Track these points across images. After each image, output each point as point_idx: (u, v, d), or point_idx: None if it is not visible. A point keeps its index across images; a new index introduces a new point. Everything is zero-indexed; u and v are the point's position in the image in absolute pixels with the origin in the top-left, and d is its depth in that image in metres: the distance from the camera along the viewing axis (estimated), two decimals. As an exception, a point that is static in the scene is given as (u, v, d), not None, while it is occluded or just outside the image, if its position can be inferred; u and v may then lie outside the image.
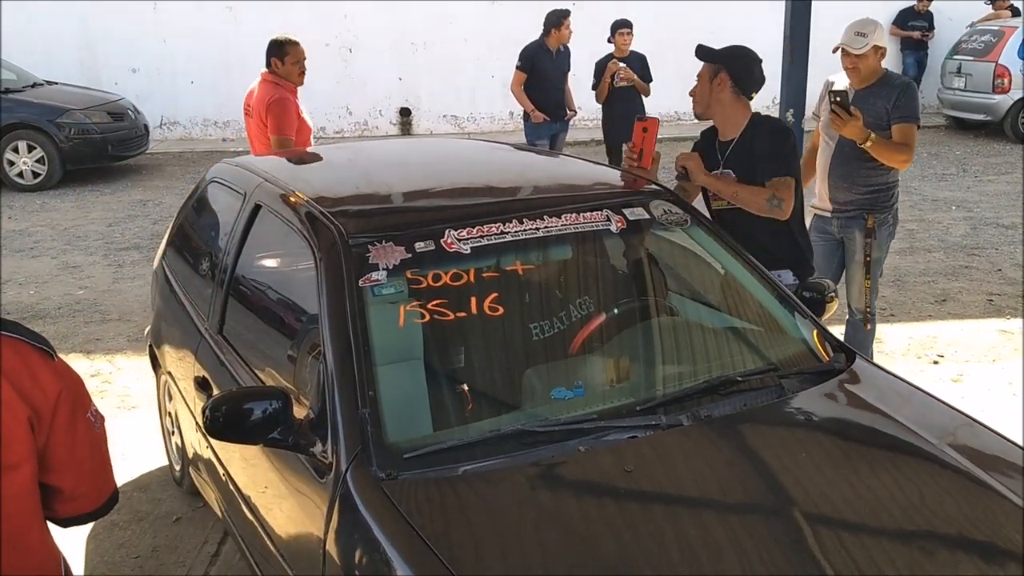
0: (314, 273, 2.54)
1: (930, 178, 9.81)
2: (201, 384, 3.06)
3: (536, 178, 3.31)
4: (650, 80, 7.92)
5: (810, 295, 2.99)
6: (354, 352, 2.30)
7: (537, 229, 2.66)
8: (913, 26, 13.42)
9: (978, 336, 5.41)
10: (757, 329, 2.89)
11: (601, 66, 7.84)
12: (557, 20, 7.68)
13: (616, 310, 2.81)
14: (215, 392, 2.91)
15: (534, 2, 9.92)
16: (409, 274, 2.48)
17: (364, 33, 13.00)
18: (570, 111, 7.96)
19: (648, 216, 2.88)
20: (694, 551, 1.93)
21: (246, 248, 3.12)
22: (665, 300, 3.07)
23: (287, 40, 5.37)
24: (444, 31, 13.06)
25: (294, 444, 2.27)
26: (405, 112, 13.51)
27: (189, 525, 3.68)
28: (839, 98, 3.80)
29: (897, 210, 4.21)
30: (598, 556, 1.90)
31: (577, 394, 2.45)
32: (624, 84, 7.73)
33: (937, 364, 5.04)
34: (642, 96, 7.89)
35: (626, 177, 3.34)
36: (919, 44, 13.53)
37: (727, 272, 2.98)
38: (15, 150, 10.01)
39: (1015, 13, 12.75)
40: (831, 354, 2.70)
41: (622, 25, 7.84)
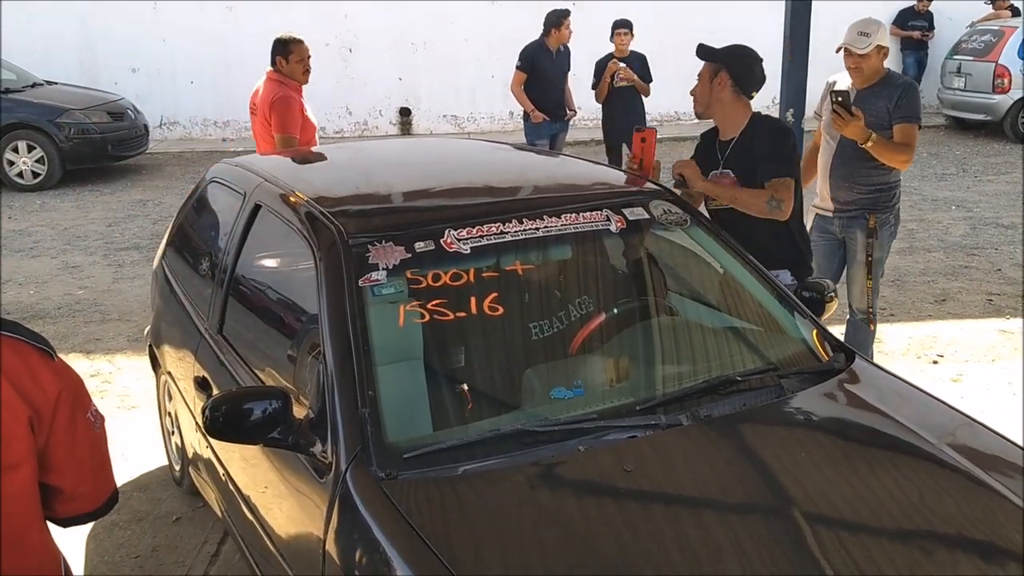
0: (314, 273, 2.54)
1: (930, 178, 9.81)
2: (201, 384, 3.06)
3: (536, 178, 3.31)
4: (650, 80, 7.91)
5: (810, 295, 2.99)
6: (354, 352, 2.30)
7: (537, 229, 2.66)
8: (913, 26, 13.43)
9: (978, 336, 5.41)
10: (757, 329, 2.89)
11: (601, 66, 7.84)
12: (557, 20, 7.68)
13: (616, 310, 2.81)
14: (215, 392, 2.91)
15: (534, 2, 9.92)
16: (409, 274, 2.48)
17: (364, 33, 13.00)
18: (570, 111, 7.96)
19: (648, 216, 2.88)
20: (694, 551, 1.93)
21: (246, 248, 3.12)
22: (665, 300, 3.07)
23: (291, 39, 5.39)
24: (444, 31, 13.06)
25: (294, 444, 2.27)
26: (405, 112, 13.51)
27: (189, 525, 3.68)
28: (840, 98, 3.80)
29: (899, 210, 4.20)
30: (598, 556, 1.90)
31: (577, 394, 2.45)
32: (624, 84, 7.73)
33: (937, 364, 5.04)
34: (642, 96, 7.89)
35: (626, 177, 3.34)
36: (919, 44, 13.54)
37: (727, 272, 2.98)
38: (15, 150, 10.01)
39: (1015, 13, 12.75)
40: (830, 354, 2.70)
41: (620, 25, 7.84)
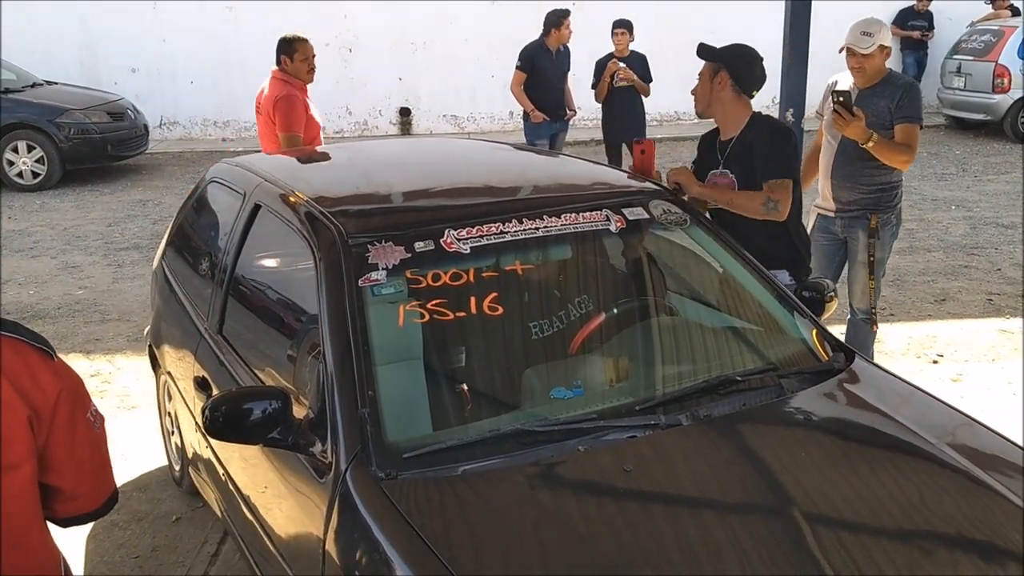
0: (314, 273, 2.54)
1: (930, 178, 9.81)
2: (201, 384, 3.06)
3: (536, 178, 3.31)
4: (650, 80, 7.92)
5: (809, 295, 2.99)
6: (354, 352, 2.30)
7: (537, 229, 2.66)
8: (913, 26, 13.43)
9: (978, 336, 5.41)
10: (756, 329, 2.88)
11: (601, 66, 7.84)
12: (557, 20, 7.68)
13: (615, 310, 2.82)
14: (215, 392, 2.91)
15: (534, 2, 9.92)
16: (409, 274, 2.48)
17: (364, 33, 13.00)
18: (570, 111, 7.95)
19: (647, 216, 2.88)
20: (694, 551, 1.93)
21: (246, 248, 3.12)
22: (664, 300, 3.07)
23: (296, 37, 5.40)
24: (444, 31, 13.06)
25: (294, 444, 2.27)
26: (405, 112, 13.51)
27: (189, 525, 3.68)
28: (842, 98, 3.80)
29: (901, 210, 4.20)
30: (598, 556, 1.90)
31: (576, 394, 2.45)
32: (624, 84, 7.74)
33: (936, 364, 5.04)
34: (642, 96, 7.89)
35: (625, 177, 3.34)
36: (919, 44, 13.54)
37: (726, 272, 2.98)
38: (15, 150, 10.01)
39: (1015, 13, 12.75)
40: (830, 354, 2.70)
41: (618, 25, 7.85)
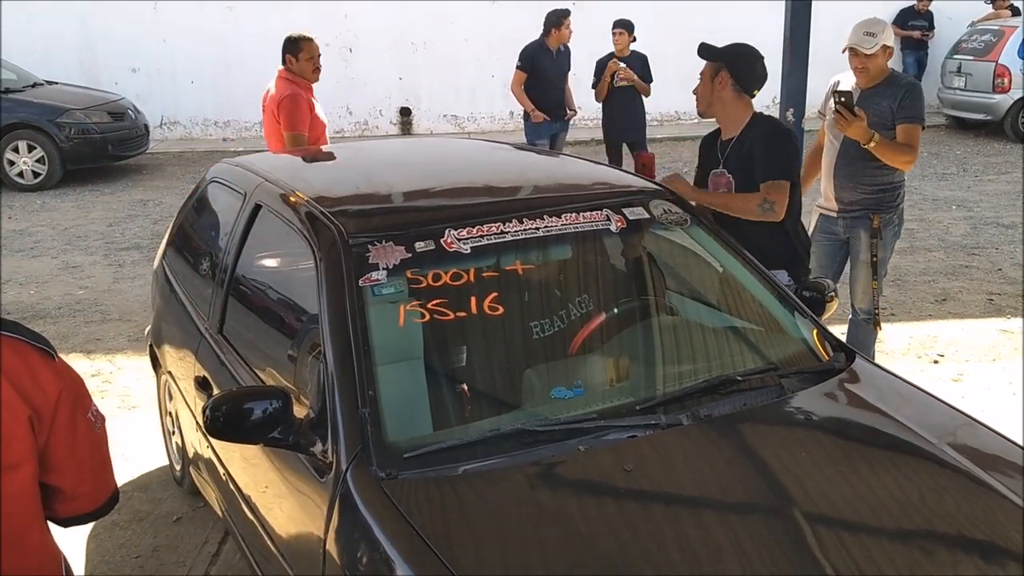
0: (314, 273, 2.54)
1: (930, 177, 9.81)
2: (201, 384, 3.06)
3: (536, 178, 3.31)
4: (651, 80, 7.92)
5: (810, 294, 2.99)
6: (354, 352, 2.30)
7: (537, 229, 2.66)
8: (913, 26, 13.44)
9: (978, 336, 5.41)
10: (757, 328, 2.88)
11: (602, 65, 7.85)
12: (557, 20, 7.68)
13: (616, 310, 2.82)
14: (215, 392, 2.91)
15: (534, 2, 9.92)
16: (409, 274, 2.48)
17: (364, 33, 13.00)
18: (570, 111, 7.96)
19: (648, 215, 2.88)
20: (694, 551, 1.93)
21: (246, 248, 3.12)
22: (665, 300, 3.07)
23: (301, 37, 5.40)
24: (444, 31, 13.06)
25: (294, 444, 2.27)
26: (405, 112, 13.51)
27: (190, 525, 3.68)
28: (843, 98, 3.80)
29: (903, 210, 4.20)
30: (598, 556, 1.90)
31: (577, 394, 2.45)
32: (624, 84, 7.74)
33: (937, 364, 5.04)
34: (642, 96, 7.90)
35: (626, 177, 3.34)
36: (919, 44, 13.54)
37: (727, 271, 2.98)
38: (15, 150, 10.01)
39: (1015, 13, 12.75)
40: (831, 353, 2.70)
41: (616, 25, 7.86)
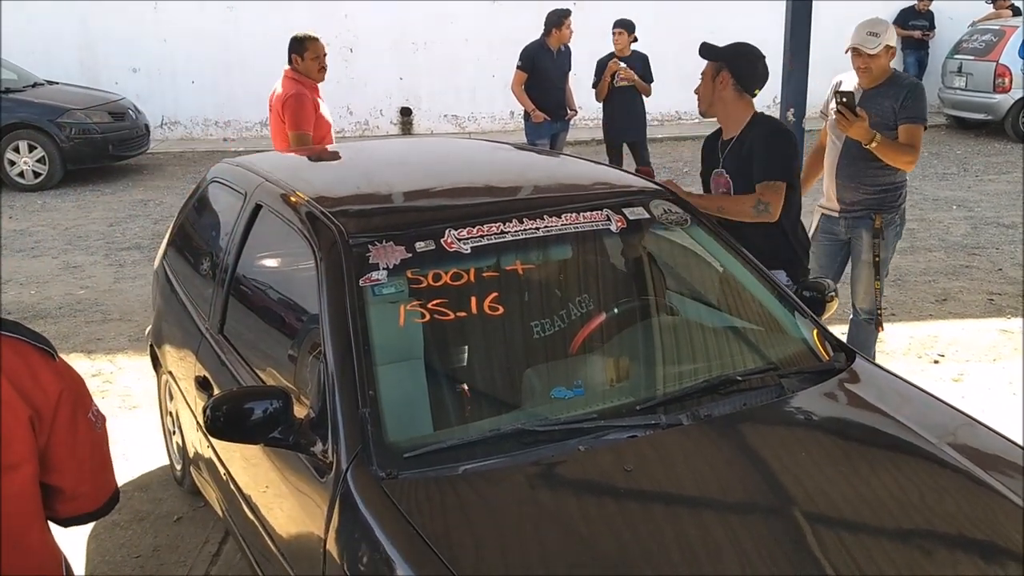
0: (314, 273, 2.54)
1: (931, 177, 9.80)
2: (202, 384, 3.06)
3: (536, 178, 3.31)
4: (651, 80, 7.92)
5: (810, 294, 2.99)
6: (354, 352, 2.30)
7: (537, 229, 2.66)
8: (914, 25, 13.44)
9: (979, 335, 5.41)
10: (757, 328, 2.88)
11: (602, 65, 7.85)
12: (558, 20, 7.68)
13: (616, 310, 2.82)
14: (216, 392, 2.91)
15: (534, 2, 9.91)
16: (409, 274, 2.49)
17: (364, 33, 13.00)
18: (571, 111, 7.95)
19: (648, 215, 2.88)
20: (694, 551, 1.93)
21: (247, 248, 3.12)
22: (665, 300, 3.07)
23: (306, 36, 5.41)
24: (444, 31, 13.06)
25: (295, 443, 2.27)
26: (406, 112, 13.51)
27: (190, 525, 3.68)
28: (845, 99, 3.80)
29: (904, 210, 4.20)
30: (598, 556, 1.90)
31: (577, 393, 2.45)
32: (624, 84, 7.74)
33: (937, 364, 5.04)
34: (643, 96, 7.90)
35: (626, 177, 3.35)
36: (920, 43, 13.54)
37: (727, 271, 2.98)
38: (16, 150, 10.01)
39: (1016, 12, 12.75)
40: (831, 353, 2.70)
41: (616, 25, 7.86)
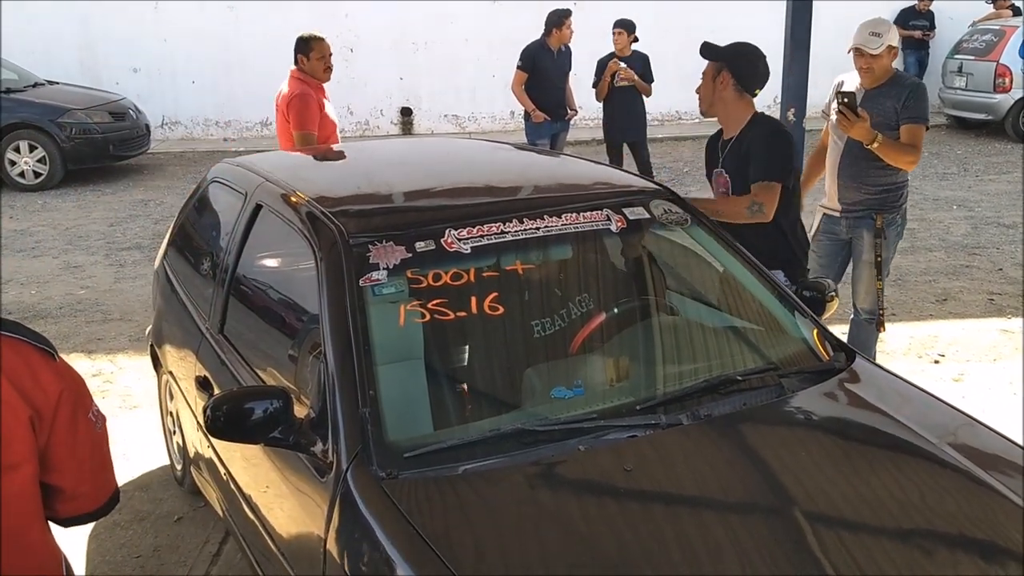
0: (315, 273, 2.54)
1: (931, 177, 9.80)
2: (202, 383, 3.06)
3: (536, 178, 3.31)
4: (651, 80, 7.92)
5: (810, 294, 2.99)
6: (354, 351, 2.31)
7: (537, 229, 2.66)
8: (914, 25, 13.43)
9: (979, 335, 5.41)
10: (757, 328, 2.88)
11: (602, 65, 7.85)
12: (558, 20, 7.68)
13: (616, 309, 2.82)
14: (216, 391, 2.91)
15: (535, 2, 9.92)
16: (409, 273, 2.49)
17: (365, 33, 12.99)
18: (571, 111, 7.96)
19: (648, 215, 2.88)
20: (694, 550, 1.93)
21: (247, 248, 3.13)
22: (665, 299, 3.07)
23: (312, 36, 5.42)
24: (444, 31, 13.06)
25: (295, 443, 2.27)
26: (406, 112, 13.51)
27: (190, 525, 3.68)
28: (846, 99, 3.80)
29: (906, 210, 4.20)
30: (598, 556, 1.90)
31: (577, 393, 2.45)
32: (624, 84, 7.74)
33: (938, 364, 5.04)
34: (643, 96, 7.90)
35: (626, 177, 3.35)
36: (920, 43, 13.54)
37: (727, 271, 2.98)
38: (16, 150, 10.01)
39: (1016, 12, 12.75)
40: (831, 353, 2.70)
41: (617, 25, 7.87)
